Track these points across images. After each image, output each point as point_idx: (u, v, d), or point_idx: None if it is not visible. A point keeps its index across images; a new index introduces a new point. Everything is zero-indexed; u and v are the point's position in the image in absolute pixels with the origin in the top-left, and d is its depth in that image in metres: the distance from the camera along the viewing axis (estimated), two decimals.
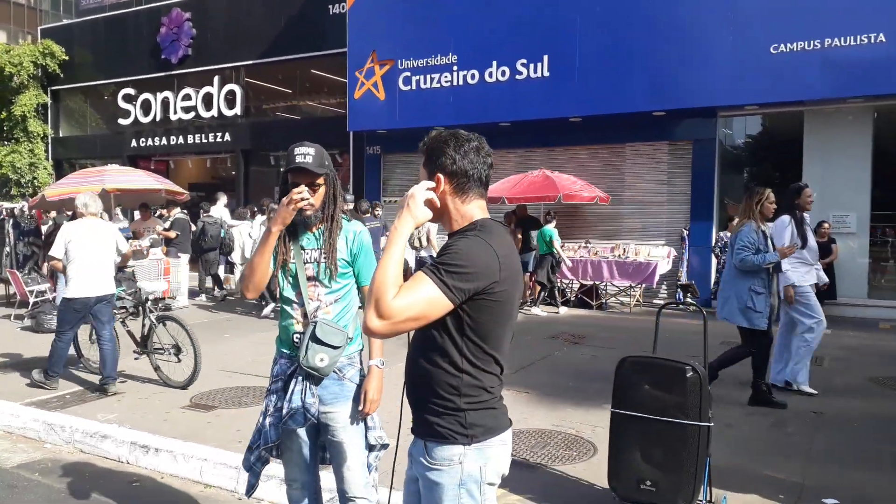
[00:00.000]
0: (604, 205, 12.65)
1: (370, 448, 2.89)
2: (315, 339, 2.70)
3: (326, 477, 3.14)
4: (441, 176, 1.98)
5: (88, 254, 5.94)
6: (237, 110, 17.94)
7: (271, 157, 18.83)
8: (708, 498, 3.56)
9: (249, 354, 7.65)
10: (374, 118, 14.79)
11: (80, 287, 5.92)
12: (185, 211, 12.06)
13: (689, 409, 3.30)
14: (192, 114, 18.54)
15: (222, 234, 12.24)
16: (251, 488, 2.98)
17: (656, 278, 11.94)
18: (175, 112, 18.79)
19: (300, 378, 2.78)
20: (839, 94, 10.88)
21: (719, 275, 11.50)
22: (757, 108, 11.90)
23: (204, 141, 18.57)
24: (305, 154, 2.71)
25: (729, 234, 11.47)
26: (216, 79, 18.11)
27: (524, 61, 12.93)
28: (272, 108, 18.48)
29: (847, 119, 11.52)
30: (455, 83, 13.66)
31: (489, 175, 2.05)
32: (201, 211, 12.98)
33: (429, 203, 1.98)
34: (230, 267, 13.23)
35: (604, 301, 12.28)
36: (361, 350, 2.95)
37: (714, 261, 11.88)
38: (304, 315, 2.81)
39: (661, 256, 12.08)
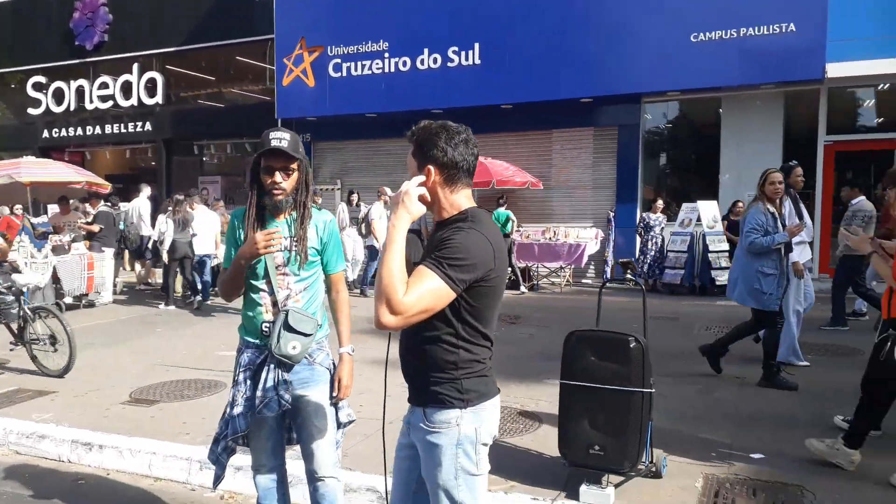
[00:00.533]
0: (534, 189, 12.95)
1: (339, 425, 2.96)
2: (287, 327, 2.72)
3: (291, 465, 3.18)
4: (432, 167, 2.07)
5: None
6: (158, 98, 17.29)
7: (195, 146, 18.31)
8: (650, 460, 3.79)
9: (184, 348, 7.51)
10: (303, 105, 14.61)
11: None
12: (109, 203, 11.61)
13: (633, 378, 3.50)
14: (110, 102, 17.74)
15: (121, 227, 11.86)
16: (218, 479, 2.97)
17: (585, 259, 12.35)
18: (91, 101, 17.93)
19: (272, 366, 2.79)
20: (753, 81, 11.49)
21: (642, 255, 11.98)
22: (678, 94, 12.42)
23: (123, 130, 17.84)
24: (281, 138, 2.72)
25: (652, 216, 12.02)
26: (135, 66, 17.38)
27: (456, 49, 13.05)
28: (195, 96, 17.92)
29: (760, 104, 12.18)
30: (386, 70, 13.64)
31: (475, 166, 2.15)
32: (109, 203, 12.49)
33: (421, 198, 2.07)
34: (155, 261, 12.84)
35: (535, 282, 12.61)
36: (328, 335, 3.00)
37: (638, 240, 12.35)
38: (274, 303, 2.82)
39: (589, 238, 12.49)
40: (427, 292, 1.92)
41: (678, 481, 3.80)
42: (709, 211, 11.47)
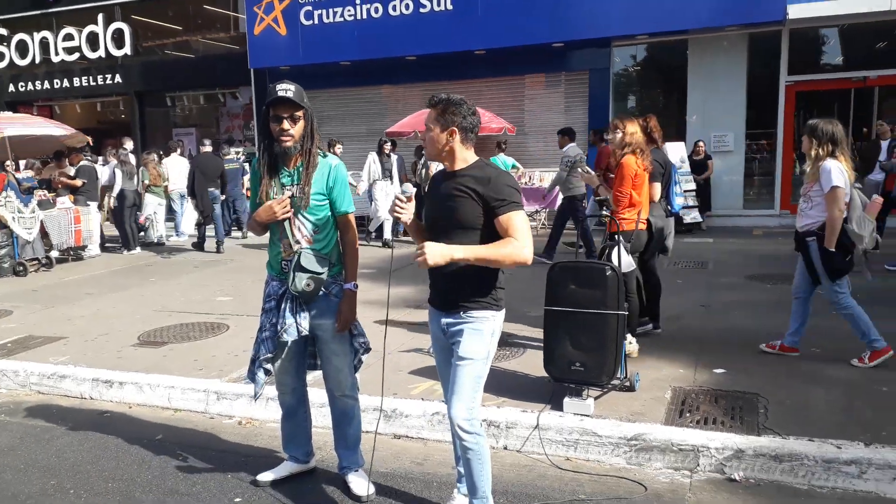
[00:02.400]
0: (509, 135, 13.22)
1: (355, 352, 3.34)
2: (300, 267, 3.07)
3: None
4: (455, 129, 2.75)
5: None
6: (126, 50, 17.00)
7: (167, 97, 18.12)
8: (625, 375, 4.28)
9: (181, 295, 7.81)
10: (276, 54, 14.55)
11: None
12: (91, 157, 11.67)
13: (609, 302, 3.93)
14: (77, 55, 17.40)
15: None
16: (256, 396, 3.34)
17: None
18: (56, 53, 17.55)
19: (291, 297, 3.15)
20: (718, 24, 11.80)
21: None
22: (647, 37, 12.68)
23: (92, 83, 17.56)
24: (287, 89, 3.01)
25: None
26: (100, 16, 17.01)
27: None
28: (163, 46, 17.61)
29: (725, 46, 12.52)
30: (358, 17, 13.63)
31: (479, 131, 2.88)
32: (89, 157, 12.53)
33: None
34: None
35: None
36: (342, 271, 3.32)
37: None
38: (289, 245, 3.15)
39: None
40: (527, 225, 2.73)
41: (650, 393, 4.29)
42: (676, 152, 11.89)
